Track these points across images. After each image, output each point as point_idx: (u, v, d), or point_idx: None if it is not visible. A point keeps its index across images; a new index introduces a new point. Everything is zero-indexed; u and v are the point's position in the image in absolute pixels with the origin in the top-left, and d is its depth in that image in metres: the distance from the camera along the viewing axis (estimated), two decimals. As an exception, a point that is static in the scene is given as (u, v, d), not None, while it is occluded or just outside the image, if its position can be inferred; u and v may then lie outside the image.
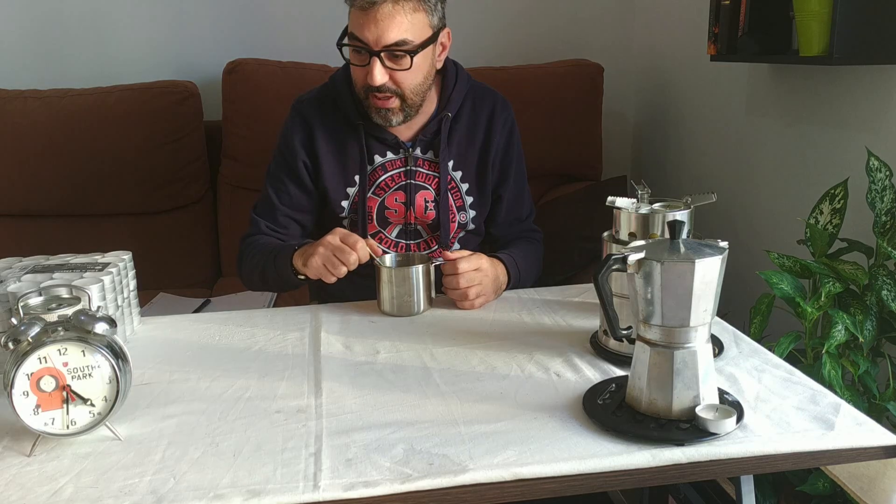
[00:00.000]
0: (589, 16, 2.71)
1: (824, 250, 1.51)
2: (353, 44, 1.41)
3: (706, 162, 2.35)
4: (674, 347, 0.93)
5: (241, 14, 2.56)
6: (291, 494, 0.84)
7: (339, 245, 1.34)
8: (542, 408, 1.01)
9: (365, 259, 1.35)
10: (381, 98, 1.44)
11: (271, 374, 1.15)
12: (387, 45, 1.38)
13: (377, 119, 1.48)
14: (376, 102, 1.45)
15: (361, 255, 1.34)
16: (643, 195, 1.15)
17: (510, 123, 1.61)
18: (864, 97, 1.67)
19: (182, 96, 2.38)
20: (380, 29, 1.37)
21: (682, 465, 0.90)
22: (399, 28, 1.38)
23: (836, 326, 1.37)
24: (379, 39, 1.38)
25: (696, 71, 2.33)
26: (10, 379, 0.91)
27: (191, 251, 2.45)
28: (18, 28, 2.48)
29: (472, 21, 2.62)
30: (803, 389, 1.05)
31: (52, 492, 0.86)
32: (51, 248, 1.51)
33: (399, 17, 1.37)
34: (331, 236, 1.36)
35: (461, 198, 1.58)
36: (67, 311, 1.00)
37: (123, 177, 2.35)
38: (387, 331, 1.31)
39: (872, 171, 1.46)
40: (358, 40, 1.40)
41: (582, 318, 1.33)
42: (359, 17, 1.38)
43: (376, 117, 1.48)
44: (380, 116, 1.47)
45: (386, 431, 0.96)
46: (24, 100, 2.33)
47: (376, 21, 1.37)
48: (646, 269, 0.91)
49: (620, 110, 2.78)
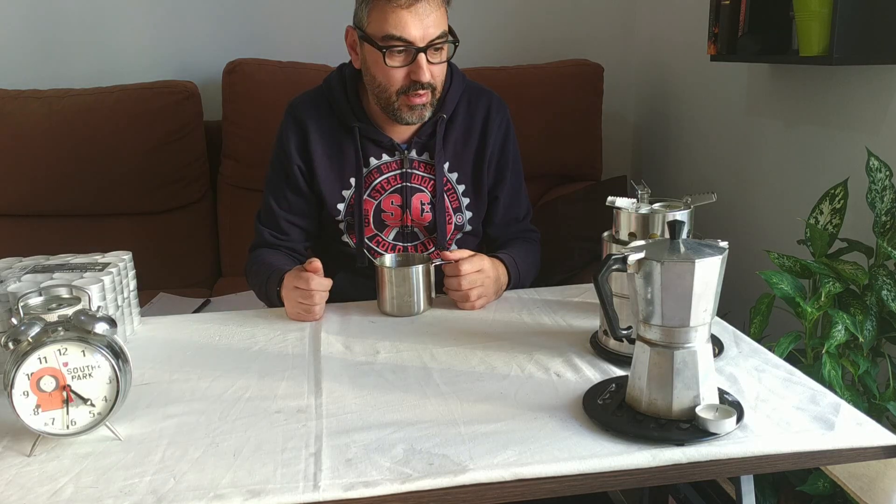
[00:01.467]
0: (589, 16, 2.71)
1: (824, 250, 1.51)
2: (394, 44, 1.39)
3: (706, 162, 2.35)
4: (674, 347, 0.93)
5: (241, 14, 2.56)
6: (291, 494, 0.84)
7: (299, 295, 1.34)
8: (542, 408, 1.01)
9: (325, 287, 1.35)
10: (421, 95, 1.44)
11: (271, 374, 1.15)
12: (431, 40, 1.40)
13: (409, 118, 1.47)
14: (414, 100, 1.44)
15: (322, 287, 1.34)
16: (643, 195, 1.15)
17: (506, 123, 1.61)
18: (864, 97, 1.67)
19: (182, 96, 2.37)
20: (425, 24, 1.38)
21: (682, 465, 0.90)
22: (440, 21, 1.41)
23: (836, 326, 1.37)
24: (425, 35, 1.39)
25: (696, 71, 2.33)
26: (10, 379, 0.91)
27: (191, 251, 2.45)
28: (18, 28, 2.48)
29: (472, 21, 2.62)
30: (803, 389, 1.05)
31: (52, 492, 0.86)
32: (51, 248, 1.51)
33: (437, 10, 1.40)
34: (286, 289, 1.37)
35: (457, 199, 1.58)
36: (67, 311, 1.00)
37: (123, 177, 2.35)
38: (387, 331, 1.31)
39: (872, 171, 1.46)
40: (399, 40, 1.39)
41: (582, 318, 1.33)
42: (400, 16, 1.37)
43: (409, 116, 1.47)
44: (413, 114, 1.47)
45: (386, 431, 0.96)
46: (24, 100, 2.33)
47: (420, 17, 1.37)
48: (646, 269, 0.91)
49: (620, 110, 2.78)
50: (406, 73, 1.42)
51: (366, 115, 1.53)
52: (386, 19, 1.39)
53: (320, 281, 1.34)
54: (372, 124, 1.53)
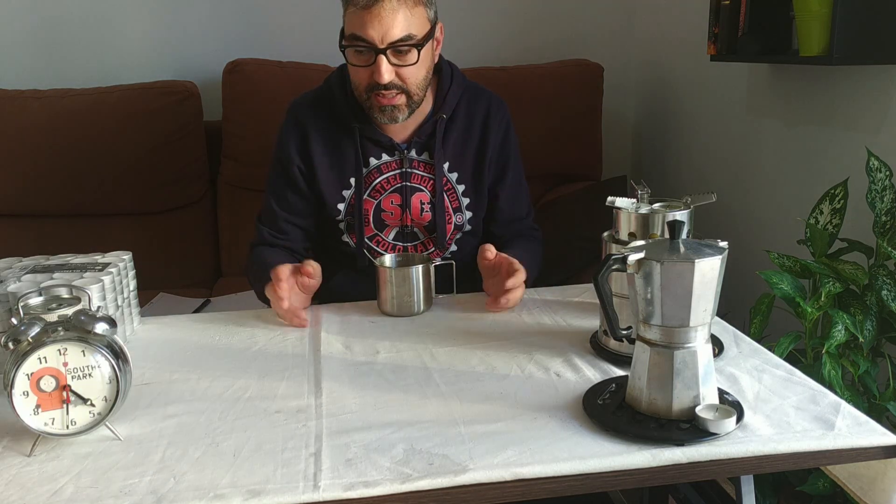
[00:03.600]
0: (589, 16, 2.71)
1: (824, 250, 1.51)
2: (356, 44, 1.40)
3: (706, 162, 2.35)
4: (674, 347, 0.93)
5: (241, 14, 2.56)
6: (291, 494, 0.84)
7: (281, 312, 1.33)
8: (542, 408, 1.01)
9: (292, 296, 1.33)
10: (387, 96, 1.43)
11: (271, 374, 1.15)
12: (392, 42, 1.38)
13: (382, 119, 1.47)
14: (381, 101, 1.44)
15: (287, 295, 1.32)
16: (643, 195, 1.15)
17: (506, 123, 1.61)
18: (864, 97, 1.67)
19: (182, 96, 2.38)
20: (384, 26, 1.37)
21: (682, 465, 0.90)
22: (404, 23, 1.38)
23: (836, 326, 1.38)
24: (384, 36, 1.38)
25: (696, 71, 2.33)
26: (10, 379, 0.91)
27: (191, 251, 2.45)
28: (18, 28, 2.48)
29: (472, 21, 2.62)
30: (803, 389, 1.05)
31: (52, 492, 0.86)
32: (51, 248, 1.51)
33: (402, 11, 1.37)
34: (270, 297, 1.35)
35: (457, 199, 1.58)
36: (67, 311, 1.00)
37: (123, 177, 2.35)
38: (387, 331, 1.31)
39: (872, 171, 1.46)
40: (360, 40, 1.39)
41: (582, 318, 1.33)
42: (360, 16, 1.37)
43: (381, 117, 1.47)
44: (385, 115, 1.46)
45: (386, 431, 0.96)
46: (24, 100, 2.33)
47: (380, 18, 1.36)
48: (646, 269, 0.91)
49: (620, 110, 2.78)
50: (369, 72, 1.42)
51: (365, 116, 1.53)
52: (351, 19, 1.40)
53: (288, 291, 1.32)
54: (372, 124, 1.53)
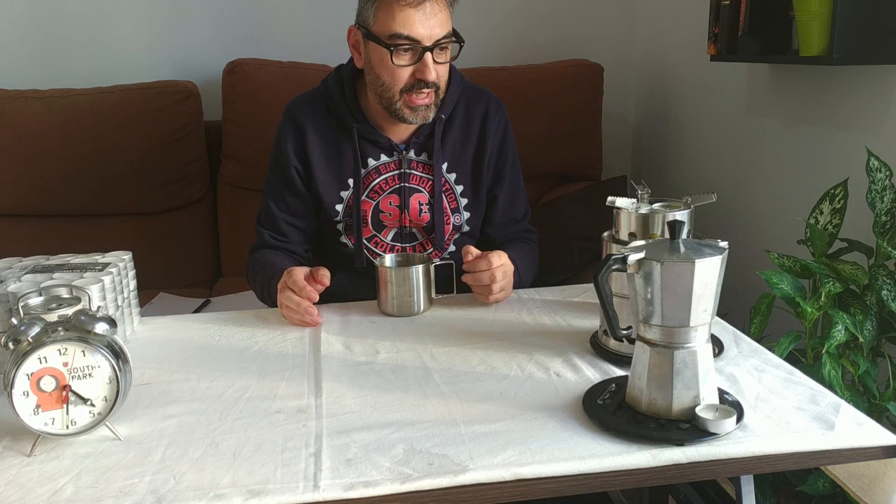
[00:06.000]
0: (589, 16, 2.71)
1: (824, 250, 1.51)
2: (403, 42, 1.40)
3: (706, 162, 2.35)
4: (674, 347, 0.93)
5: (241, 14, 2.56)
6: (291, 494, 0.84)
7: (294, 305, 1.32)
8: (542, 408, 1.01)
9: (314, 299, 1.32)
10: (424, 94, 1.44)
11: (271, 374, 1.15)
12: (438, 40, 1.41)
13: (414, 119, 1.47)
14: (418, 100, 1.45)
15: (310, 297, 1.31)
16: (643, 195, 1.15)
17: (504, 124, 1.61)
18: (864, 97, 1.67)
19: (182, 96, 2.37)
20: (432, 23, 1.39)
21: (682, 465, 0.90)
22: (447, 21, 1.42)
23: (836, 326, 1.38)
24: (432, 34, 1.40)
25: (696, 71, 2.33)
26: (10, 379, 0.91)
27: (191, 251, 2.45)
28: (18, 28, 2.48)
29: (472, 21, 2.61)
30: (803, 389, 1.05)
31: (52, 492, 0.86)
32: (51, 248, 1.51)
33: (443, 10, 1.42)
34: (281, 295, 1.34)
35: (455, 200, 1.58)
36: (67, 311, 1.00)
37: (123, 177, 2.35)
38: (387, 331, 1.31)
39: (872, 171, 1.46)
40: (407, 39, 1.39)
41: (582, 318, 1.33)
42: (408, 14, 1.38)
43: (413, 117, 1.47)
44: (418, 115, 1.47)
45: (386, 431, 0.96)
46: (24, 100, 2.33)
47: (427, 16, 1.39)
48: (646, 269, 0.91)
49: (620, 110, 2.78)
50: (412, 72, 1.43)
51: (364, 116, 1.53)
52: (393, 18, 1.39)
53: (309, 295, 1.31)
54: (370, 125, 1.53)
